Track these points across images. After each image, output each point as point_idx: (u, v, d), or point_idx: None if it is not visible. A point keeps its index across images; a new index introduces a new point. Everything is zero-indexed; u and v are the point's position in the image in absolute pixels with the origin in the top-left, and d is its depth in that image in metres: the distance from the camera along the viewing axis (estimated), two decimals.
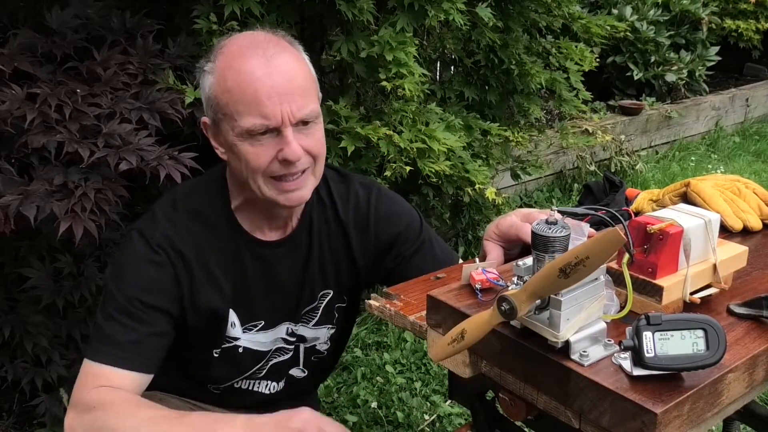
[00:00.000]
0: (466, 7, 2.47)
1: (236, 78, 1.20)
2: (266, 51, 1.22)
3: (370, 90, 2.49)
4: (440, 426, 2.43)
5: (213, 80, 1.24)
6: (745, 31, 6.21)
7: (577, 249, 0.79)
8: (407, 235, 1.44)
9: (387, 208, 1.45)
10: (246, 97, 1.19)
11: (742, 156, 5.45)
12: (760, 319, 0.98)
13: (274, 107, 1.19)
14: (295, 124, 1.22)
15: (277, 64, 1.21)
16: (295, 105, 1.21)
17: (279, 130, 1.21)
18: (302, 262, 1.41)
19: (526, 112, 3.19)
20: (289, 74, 1.22)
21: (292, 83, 1.22)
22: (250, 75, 1.20)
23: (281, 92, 1.20)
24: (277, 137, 1.22)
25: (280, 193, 1.26)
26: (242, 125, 1.20)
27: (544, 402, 0.93)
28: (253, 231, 1.36)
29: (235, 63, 1.22)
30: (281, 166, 1.23)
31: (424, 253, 1.44)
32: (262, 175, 1.24)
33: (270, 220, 1.36)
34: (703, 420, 0.87)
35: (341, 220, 1.42)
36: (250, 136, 1.21)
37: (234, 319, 1.38)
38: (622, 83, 5.64)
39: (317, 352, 1.52)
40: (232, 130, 1.22)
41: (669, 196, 1.37)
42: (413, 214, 1.49)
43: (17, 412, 2.26)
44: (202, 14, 2.05)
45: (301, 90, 1.23)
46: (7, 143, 1.81)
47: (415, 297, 1.18)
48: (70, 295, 2.09)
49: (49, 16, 2.00)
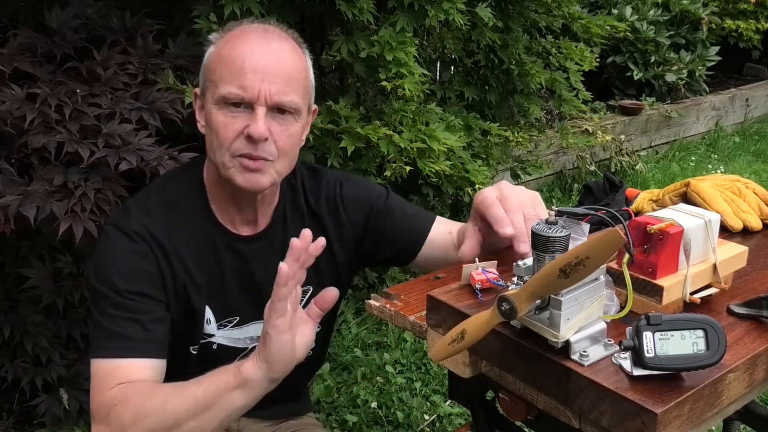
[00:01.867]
0: (466, 7, 2.47)
1: (231, 49, 1.23)
2: (268, 34, 1.25)
3: (370, 90, 2.49)
4: (440, 426, 2.43)
5: (212, 49, 1.28)
6: (745, 31, 6.21)
7: (578, 249, 0.79)
8: (377, 210, 1.45)
9: (353, 191, 1.45)
10: (233, 65, 1.21)
11: (742, 156, 5.45)
12: (760, 319, 0.98)
13: (254, 82, 1.20)
14: (270, 107, 1.22)
15: (272, 47, 1.24)
16: (275, 87, 1.21)
17: (253, 106, 1.21)
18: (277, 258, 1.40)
19: (526, 112, 3.19)
20: (280, 58, 1.24)
21: (281, 66, 1.23)
22: (243, 47, 1.22)
23: (267, 71, 1.21)
24: (249, 113, 1.22)
25: (240, 172, 1.25)
26: (220, 91, 1.22)
27: (544, 402, 0.93)
28: (226, 224, 1.36)
29: (236, 37, 1.25)
30: (245, 144, 1.23)
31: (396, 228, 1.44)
32: (228, 151, 1.24)
33: (239, 210, 1.35)
34: (703, 420, 0.87)
35: (315, 212, 1.42)
36: (224, 105, 1.22)
37: (209, 316, 1.37)
38: (622, 83, 5.64)
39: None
40: (212, 97, 1.24)
41: (669, 196, 1.37)
42: (379, 190, 1.49)
43: (17, 412, 2.26)
44: (202, 14, 2.06)
45: (288, 77, 1.24)
46: (7, 143, 1.81)
47: (415, 297, 1.18)
48: (70, 295, 2.09)
49: (49, 16, 2.00)
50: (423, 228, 1.45)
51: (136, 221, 1.29)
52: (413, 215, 1.48)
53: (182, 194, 1.34)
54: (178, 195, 1.34)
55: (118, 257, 1.27)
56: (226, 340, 1.40)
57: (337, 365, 2.69)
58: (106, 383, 1.19)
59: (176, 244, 1.30)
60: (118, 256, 1.27)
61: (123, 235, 1.28)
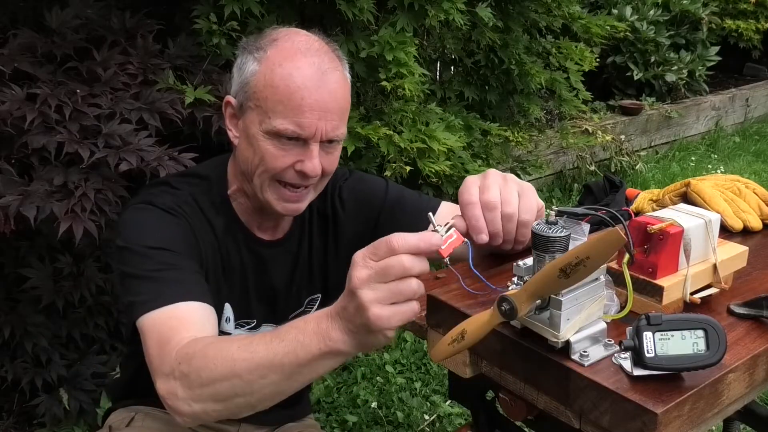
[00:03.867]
0: (466, 7, 2.47)
1: (286, 79, 1.19)
2: (322, 63, 1.21)
3: (370, 90, 2.49)
4: (440, 426, 2.43)
5: (258, 69, 1.22)
6: (745, 31, 6.22)
7: (578, 249, 0.79)
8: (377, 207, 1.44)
9: (351, 192, 1.44)
10: (290, 101, 1.18)
11: (742, 156, 5.45)
12: (761, 319, 0.98)
13: (313, 120, 1.19)
14: (323, 142, 1.23)
15: (328, 80, 1.21)
16: (330, 124, 1.21)
17: (306, 141, 1.21)
18: (293, 264, 1.41)
19: (526, 112, 3.20)
20: (336, 93, 1.22)
21: (336, 103, 1.22)
22: (300, 81, 1.18)
23: (324, 108, 1.20)
24: (301, 147, 1.21)
25: (280, 200, 1.25)
26: (274, 125, 1.19)
27: (544, 402, 0.93)
28: (249, 226, 1.36)
29: (288, 63, 1.20)
30: (295, 176, 1.23)
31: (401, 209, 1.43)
32: (270, 177, 1.23)
33: (261, 219, 1.36)
34: (704, 420, 0.87)
35: (323, 213, 1.42)
36: (276, 137, 1.20)
37: (229, 314, 1.37)
38: (622, 83, 5.64)
39: None
40: (260, 124, 1.21)
41: (669, 196, 1.37)
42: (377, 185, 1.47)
43: (17, 412, 2.26)
44: (202, 14, 2.05)
45: (341, 111, 1.23)
46: (7, 143, 1.81)
47: None
48: (70, 295, 2.09)
49: (49, 16, 2.00)
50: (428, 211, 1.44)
51: (171, 201, 1.26)
52: (417, 202, 1.45)
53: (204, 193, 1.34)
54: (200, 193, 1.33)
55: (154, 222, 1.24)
56: None
57: None
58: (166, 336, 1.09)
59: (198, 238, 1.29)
60: (154, 221, 1.24)
61: (162, 210, 1.25)
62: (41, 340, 2.14)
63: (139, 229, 1.24)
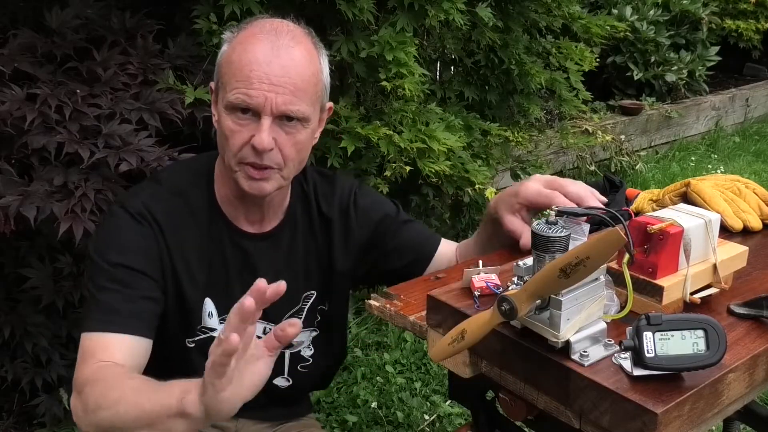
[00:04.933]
0: (466, 7, 2.47)
1: (241, 54, 1.23)
2: (279, 39, 1.24)
3: (370, 90, 2.49)
4: (440, 426, 2.43)
5: (225, 48, 1.28)
6: (745, 31, 6.21)
7: (578, 249, 0.79)
8: (386, 223, 1.46)
9: (367, 201, 1.46)
10: (241, 73, 1.22)
11: (742, 156, 5.45)
12: (761, 319, 0.98)
13: (260, 91, 1.21)
14: (276, 116, 1.23)
15: (282, 55, 1.23)
16: (281, 98, 1.22)
17: (259, 115, 1.22)
18: (284, 260, 1.41)
19: (526, 112, 3.19)
20: (289, 68, 1.23)
21: (288, 77, 1.23)
22: (252, 55, 1.22)
23: (273, 81, 1.21)
24: (256, 122, 1.23)
25: (245, 178, 1.27)
26: (228, 97, 1.23)
27: (544, 402, 0.93)
28: (232, 219, 1.36)
29: (248, 40, 1.25)
30: (251, 153, 1.24)
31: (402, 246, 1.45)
32: (234, 156, 1.25)
33: (245, 209, 1.36)
34: (704, 420, 0.87)
35: (326, 217, 1.43)
36: (233, 111, 1.23)
37: (211, 309, 1.36)
38: (622, 83, 5.64)
39: (303, 360, 1.50)
40: (222, 101, 1.25)
41: (669, 196, 1.37)
42: (390, 206, 1.50)
43: (17, 412, 2.26)
44: (202, 14, 2.05)
45: (295, 87, 1.23)
46: (7, 144, 1.81)
47: (415, 297, 1.18)
48: (70, 295, 2.09)
49: (49, 16, 2.00)
50: (431, 245, 1.46)
51: (142, 203, 1.30)
52: (421, 233, 1.49)
53: (191, 184, 1.36)
54: (186, 184, 1.35)
55: (118, 233, 1.28)
56: None
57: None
58: (89, 357, 1.20)
59: (178, 233, 1.31)
60: (119, 232, 1.29)
61: (126, 214, 1.29)
62: (41, 340, 2.14)
63: (103, 239, 1.30)
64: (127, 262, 1.25)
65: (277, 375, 1.48)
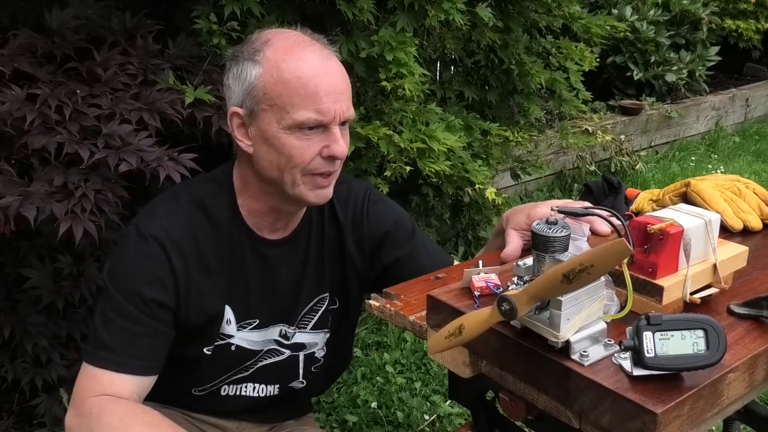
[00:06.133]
0: (466, 7, 2.47)
1: (295, 71, 1.21)
2: (322, 50, 1.26)
3: (370, 90, 2.49)
4: (440, 426, 2.43)
5: (262, 70, 1.23)
6: (745, 31, 6.22)
7: (582, 256, 0.79)
8: (397, 233, 1.46)
9: (379, 207, 1.47)
10: (306, 90, 1.21)
11: (742, 156, 5.45)
12: (760, 319, 0.98)
13: (330, 104, 1.22)
14: (341, 123, 1.26)
15: (332, 64, 1.25)
16: (344, 105, 1.25)
17: (327, 127, 1.23)
18: (300, 263, 1.41)
19: (526, 112, 3.19)
20: (341, 75, 1.26)
21: (345, 84, 1.26)
22: (311, 70, 1.22)
23: (337, 90, 1.23)
24: (323, 134, 1.24)
25: (314, 189, 1.28)
26: (295, 117, 1.21)
27: (544, 402, 0.93)
28: (253, 227, 1.36)
29: (291, 57, 1.23)
30: (324, 163, 1.25)
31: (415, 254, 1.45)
32: (302, 170, 1.25)
33: (274, 220, 1.36)
34: (704, 420, 0.87)
35: (339, 221, 1.43)
36: (298, 130, 1.22)
37: (230, 316, 1.37)
38: (622, 83, 5.64)
39: (316, 361, 1.51)
40: (278, 122, 1.22)
41: (669, 196, 1.37)
42: (403, 215, 1.51)
43: (17, 412, 2.27)
44: (202, 14, 2.05)
45: (348, 92, 1.27)
46: (7, 144, 1.81)
47: (415, 297, 1.18)
48: (70, 295, 2.08)
49: (49, 16, 1.99)
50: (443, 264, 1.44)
51: (157, 223, 1.30)
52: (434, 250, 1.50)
53: (211, 195, 1.35)
54: (207, 196, 1.35)
55: (130, 260, 1.29)
56: (245, 342, 1.40)
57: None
58: (90, 387, 1.23)
59: (197, 242, 1.31)
60: (130, 258, 1.29)
61: (140, 237, 1.29)
62: (41, 340, 2.14)
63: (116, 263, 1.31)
64: (137, 290, 1.26)
65: (293, 379, 1.49)
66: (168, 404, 1.44)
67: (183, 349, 1.35)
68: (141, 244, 1.28)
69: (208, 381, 1.43)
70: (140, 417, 1.21)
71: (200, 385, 1.43)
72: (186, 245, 1.30)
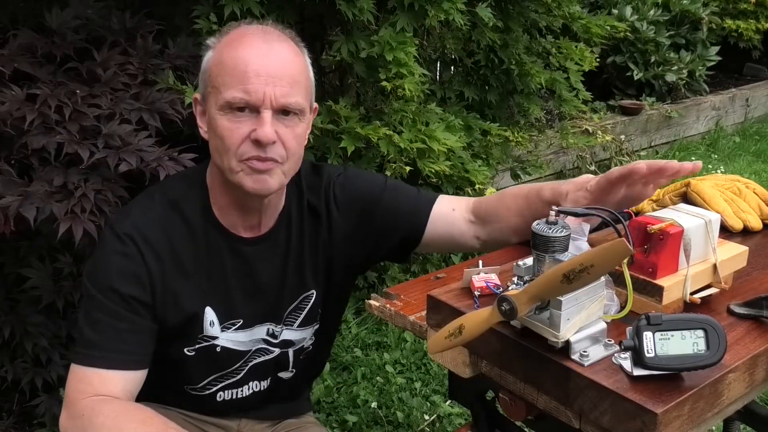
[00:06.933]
0: (466, 7, 2.47)
1: (232, 53, 1.23)
2: (267, 35, 1.25)
3: (370, 90, 2.49)
4: (440, 426, 2.43)
5: (211, 54, 1.27)
6: (745, 31, 6.22)
7: (583, 256, 0.79)
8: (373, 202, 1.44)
9: (345, 189, 1.44)
10: (235, 70, 1.21)
11: (742, 156, 5.45)
12: (761, 319, 0.98)
13: (259, 85, 1.20)
14: (276, 110, 1.22)
15: (274, 48, 1.24)
16: (279, 90, 1.21)
17: (258, 110, 1.21)
18: (281, 260, 1.40)
19: (526, 112, 3.19)
20: (283, 60, 1.24)
21: (284, 69, 1.23)
22: (244, 51, 1.22)
23: (270, 73, 1.21)
24: (254, 117, 1.22)
25: (251, 174, 1.24)
26: (224, 96, 1.21)
27: (544, 402, 0.93)
28: (228, 226, 1.36)
29: (236, 41, 1.25)
30: (253, 147, 1.23)
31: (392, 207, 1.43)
32: (235, 155, 1.24)
33: (243, 215, 1.35)
34: (704, 420, 0.87)
35: (315, 209, 1.42)
36: (229, 110, 1.22)
37: (212, 318, 1.36)
38: (622, 83, 5.64)
39: (304, 350, 1.51)
40: (215, 104, 1.23)
41: (669, 196, 1.37)
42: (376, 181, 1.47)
43: (17, 412, 2.26)
44: (202, 14, 2.06)
45: (291, 79, 1.24)
46: (7, 144, 1.81)
47: (415, 297, 1.18)
48: (70, 295, 2.08)
49: (48, 16, 2.00)
50: (424, 210, 1.43)
51: (131, 223, 1.29)
52: (414, 198, 1.46)
53: (185, 195, 1.34)
54: (180, 196, 1.34)
55: (107, 258, 1.28)
56: (230, 343, 1.39)
57: (337, 365, 2.69)
58: (82, 388, 1.23)
59: (173, 245, 1.30)
60: (107, 257, 1.29)
61: (114, 236, 1.29)
62: (41, 340, 2.14)
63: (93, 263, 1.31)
64: (114, 287, 1.26)
65: (282, 370, 1.49)
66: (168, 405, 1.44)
67: (166, 349, 1.35)
68: (116, 243, 1.28)
69: (199, 380, 1.42)
70: (132, 415, 1.21)
71: (192, 383, 1.43)
72: (160, 246, 1.29)
